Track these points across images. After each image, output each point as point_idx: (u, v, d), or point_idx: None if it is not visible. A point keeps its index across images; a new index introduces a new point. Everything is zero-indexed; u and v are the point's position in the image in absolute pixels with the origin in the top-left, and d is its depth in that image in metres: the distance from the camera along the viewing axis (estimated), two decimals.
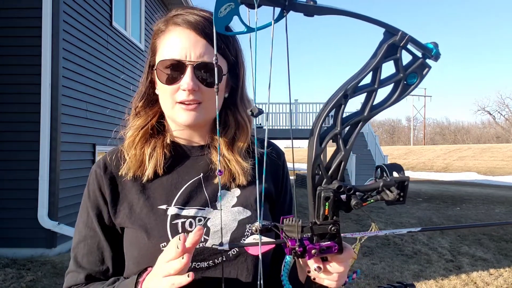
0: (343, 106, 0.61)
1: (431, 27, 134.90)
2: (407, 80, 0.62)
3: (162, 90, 0.95)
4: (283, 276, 0.75)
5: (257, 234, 0.67)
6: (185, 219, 0.94)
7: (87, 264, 0.98)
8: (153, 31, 1.00)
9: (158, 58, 0.95)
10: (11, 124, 5.70)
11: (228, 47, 0.96)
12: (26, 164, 5.64)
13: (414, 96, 58.82)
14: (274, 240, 0.71)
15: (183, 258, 0.72)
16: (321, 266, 0.72)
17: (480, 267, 5.78)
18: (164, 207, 0.95)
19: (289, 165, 1.05)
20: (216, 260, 0.92)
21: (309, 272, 0.74)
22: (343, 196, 0.64)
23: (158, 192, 0.97)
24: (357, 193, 0.65)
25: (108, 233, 0.98)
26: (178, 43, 0.92)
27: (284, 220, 0.68)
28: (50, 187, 5.62)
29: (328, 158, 0.66)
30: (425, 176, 28.71)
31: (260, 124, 17.94)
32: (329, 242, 0.68)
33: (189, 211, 0.95)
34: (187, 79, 0.90)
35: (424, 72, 0.62)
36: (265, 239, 0.71)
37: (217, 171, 0.70)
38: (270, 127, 18.00)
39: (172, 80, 0.92)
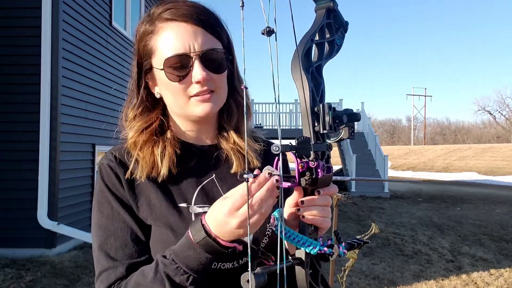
0: (311, 48, 0.76)
1: (430, 26, 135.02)
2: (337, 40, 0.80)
3: (173, 89, 0.92)
4: (277, 223, 0.74)
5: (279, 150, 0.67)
6: None
7: (123, 257, 0.90)
8: (138, 35, 0.97)
9: (159, 59, 0.92)
10: (11, 124, 5.69)
11: (221, 30, 0.96)
12: (25, 164, 5.64)
13: (414, 95, 58.89)
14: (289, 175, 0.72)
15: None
16: (304, 200, 0.75)
17: (481, 267, 5.78)
18: (184, 205, 0.94)
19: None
20: (240, 260, 0.90)
21: (298, 210, 0.75)
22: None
23: (175, 191, 0.95)
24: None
25: (140, 223, 0.93)
26: (178, 37, 0.90)
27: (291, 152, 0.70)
28: (50, 187, 5.61)
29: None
30: (426, 176, 28.69)
31: (260, 124, 18.00)
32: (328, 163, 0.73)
33: None
34: (198, 70, 0.89)
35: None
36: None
37: (244, 174, 0.69)
38: (270, 127, 18.01)
39: (182, 76, 0.90)
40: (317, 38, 0.77)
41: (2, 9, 5.72)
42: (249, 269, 0.64)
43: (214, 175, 0.99)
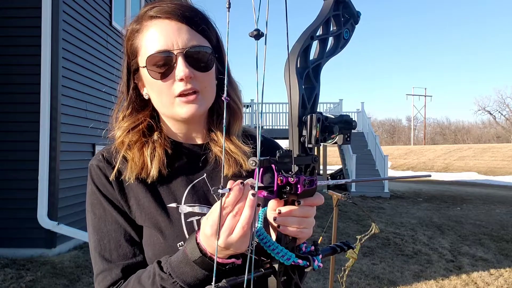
0: (310, 46, 0.71)
1: (430, 26, 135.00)
2: (344, 34, 0.75)
3: (157, 88, 0.91)
4: (258, 228, 0.74)
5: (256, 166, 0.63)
6: (200, 217, 0.91)
7: (118, 258, 0.89)
8: (126, 35, 0.95)
9: (143, 57, 0.91)
10: (11, 124, 5.69)
11: (209, 28, 0.93)
12: (25, 164, 5.64)
13: (414, 95, 58.89)
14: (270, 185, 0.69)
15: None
16: (281, 209, 0.71)
17: (481, 267, 5.78)
18: (174, 205, 0.92)
19: None
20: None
21: (275, 219, 0.71)
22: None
23: (164, 191, 0.93)
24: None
25: (133, 223, 0.92)
26: (161, 34, 0.88)
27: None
28: (50, 187, 5.61)
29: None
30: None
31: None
32: (311, 177, 0.69)
33: (202, 209, 0.92)
34: (181, 67, 0.87)
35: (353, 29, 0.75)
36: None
37: (218, 190, 0.66)
38: (270, 127, 18.01)
39: (165, 74, 0.88)
40: (320, 32, 0.70)
41: (2, 9, 5.72)
42: (213, 282, 0.62)
43: (205, 174, 0.98)
